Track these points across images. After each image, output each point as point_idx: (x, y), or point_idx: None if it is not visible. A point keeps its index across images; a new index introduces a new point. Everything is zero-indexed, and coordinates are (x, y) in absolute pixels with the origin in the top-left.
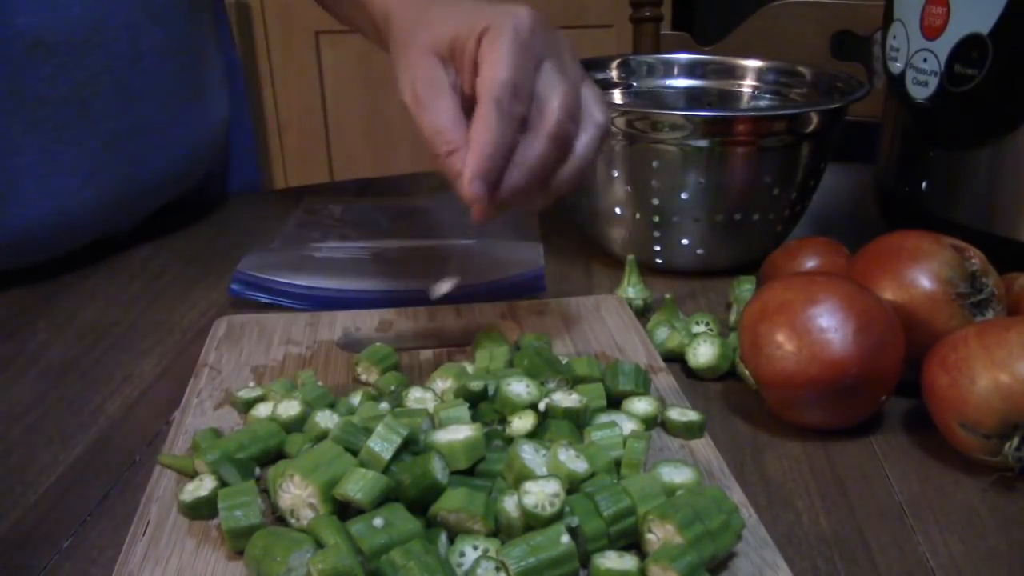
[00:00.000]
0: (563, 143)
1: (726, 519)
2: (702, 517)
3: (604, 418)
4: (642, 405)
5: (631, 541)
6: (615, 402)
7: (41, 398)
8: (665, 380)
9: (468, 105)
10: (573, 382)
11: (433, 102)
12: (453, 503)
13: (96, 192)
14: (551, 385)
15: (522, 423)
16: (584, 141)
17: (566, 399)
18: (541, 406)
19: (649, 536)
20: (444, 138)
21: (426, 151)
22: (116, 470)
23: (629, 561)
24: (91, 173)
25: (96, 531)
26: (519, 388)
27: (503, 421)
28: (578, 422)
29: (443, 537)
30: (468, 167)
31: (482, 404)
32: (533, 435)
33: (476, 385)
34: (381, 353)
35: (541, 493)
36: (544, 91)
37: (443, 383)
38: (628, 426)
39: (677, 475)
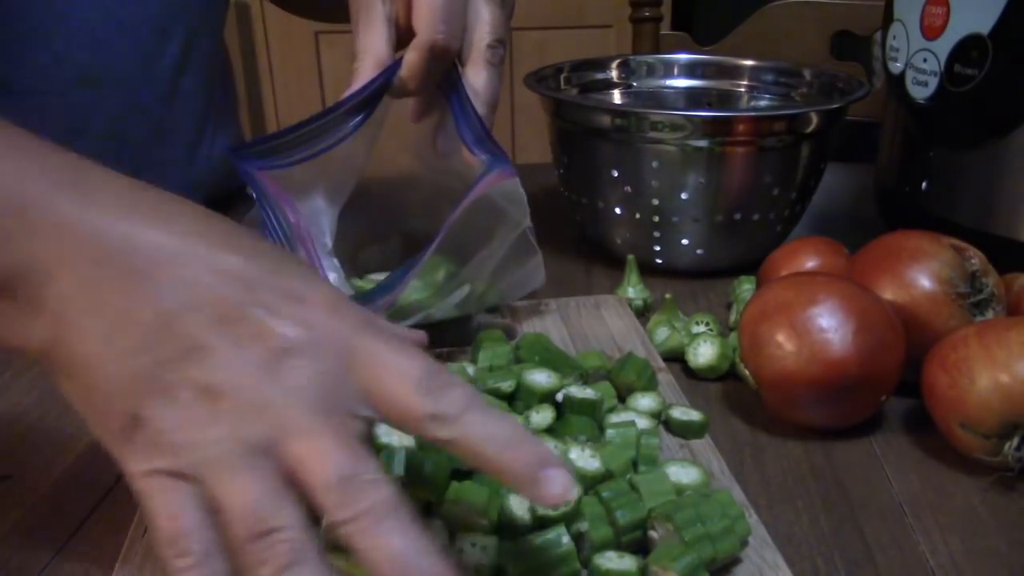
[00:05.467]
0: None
1: (730, 524)
2: (704, 519)
3: (617, 417)
4: (646, 401)
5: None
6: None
7: (41, 398)
8: (665, 380)
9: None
10: (586, 377)
11: (367, 27)
12: (459, 495)
13: None
14: (568, 379)
15: (541, 417)
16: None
17: (581, 391)
18: (559, 396)
19: (651, 533)
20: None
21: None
22: (116, 470)
23: (629, 562)
24: None
25: (96, 531)
26: (540, 377)
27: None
28: (594, 415)
29: (442, 529)
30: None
31: (499, 405)
32: (551, 430)
33: (508, 386)
34: None
35: None
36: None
37: None
38: (640, 423)
39: (684, 475)
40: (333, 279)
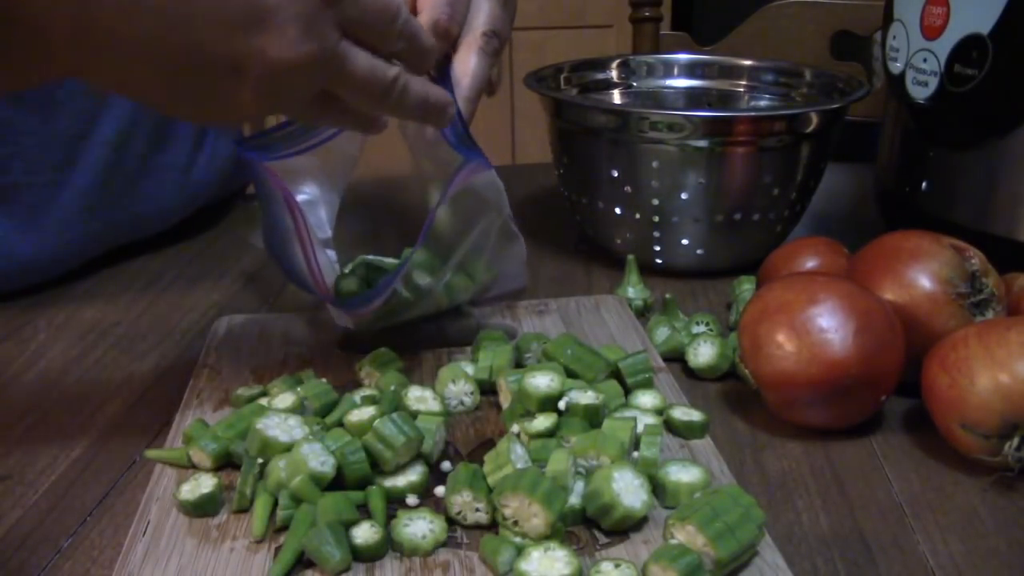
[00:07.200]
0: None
1: (744, 512)
2: (720, 513)
3: (619, 415)
4: (648, 399)
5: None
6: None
7: (41, 398)
8: (665, 380)
9: None
10: (595, 377)
11: None
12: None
13: (102, 223)
14: (601, 377)
15: (539, 423)
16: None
17: (583, 396)
18: (562, 404)
19: (672, 542)
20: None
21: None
22: (116, 470)
23: (627, 572)
24: (104, 205)
25: (96, 531)
26: (541, 381)
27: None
28: (594, 420)
29: None
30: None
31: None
32: (551, 435)
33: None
34: (384, 358)
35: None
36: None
37: (454, 386)
38: (642, 420)
39: (685, 474)
40: (325, 266)
